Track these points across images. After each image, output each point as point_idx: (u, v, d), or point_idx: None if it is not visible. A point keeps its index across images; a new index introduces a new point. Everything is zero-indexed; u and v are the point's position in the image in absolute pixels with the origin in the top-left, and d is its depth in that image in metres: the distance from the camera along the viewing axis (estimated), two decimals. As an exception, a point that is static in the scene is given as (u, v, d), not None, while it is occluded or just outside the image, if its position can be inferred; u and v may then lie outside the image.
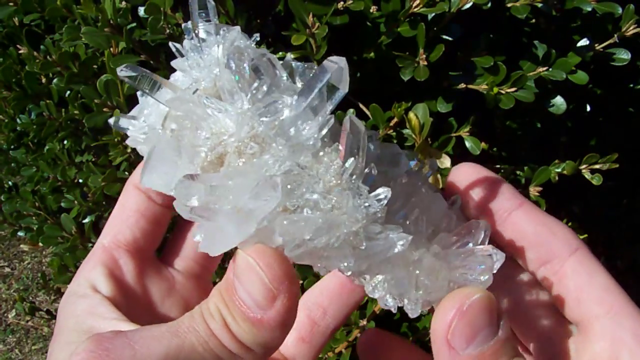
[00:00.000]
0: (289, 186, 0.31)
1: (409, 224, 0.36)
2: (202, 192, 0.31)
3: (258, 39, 0.38)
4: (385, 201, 0.32)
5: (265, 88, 0.34)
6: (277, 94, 0.34)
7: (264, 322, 0.32)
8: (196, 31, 0.36)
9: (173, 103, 0.35)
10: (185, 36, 0.37)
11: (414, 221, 0.36)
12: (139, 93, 0.39)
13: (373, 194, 0.32)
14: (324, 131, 0.33)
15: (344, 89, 0.33)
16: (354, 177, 0.32)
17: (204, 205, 0.31)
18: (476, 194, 0.41)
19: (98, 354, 0.31)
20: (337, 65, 0.33)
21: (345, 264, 0.33)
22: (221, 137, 0.33)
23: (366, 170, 0.33)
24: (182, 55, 0.38)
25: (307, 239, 0.31)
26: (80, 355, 0.31)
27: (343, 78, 0.33)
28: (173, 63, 0.38)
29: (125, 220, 0.45)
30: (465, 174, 0.41)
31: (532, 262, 0.40)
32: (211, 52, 0.36)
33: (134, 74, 0.35)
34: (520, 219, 0.40)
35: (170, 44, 0.38)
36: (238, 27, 0.36)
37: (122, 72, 0.34)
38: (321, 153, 0.33)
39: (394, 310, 0.36)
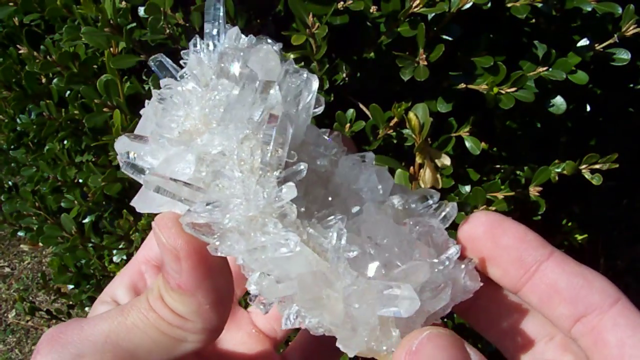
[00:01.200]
0: (209, 163, 0.34)
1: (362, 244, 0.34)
2: (138, 150, 0.36)
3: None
4: (286, 199, 0.32)
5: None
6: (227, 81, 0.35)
7: (182, 286, 0.34)
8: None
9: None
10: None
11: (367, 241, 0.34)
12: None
13: (282, 190, 0.32)
14: (257, 117, 0.34)
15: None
16: (268, 168, 0.33)
17: (134, 162, 0.35)
18: (498, 246, 0.36)
19: (53, 334, 0.36)
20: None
21: (235, 248, 0.33)
22: (187, 118, 0.36)
23: (299, 166, 0.33)
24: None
25: (206, 207, 0.32)
26: (42, 338, 0.36)
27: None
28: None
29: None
30: (483, 225, 0.37)
31: (565, 319, 0.35)
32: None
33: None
34: (552, 271, 0.35)
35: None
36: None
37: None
38: (254, 141, 0.34)
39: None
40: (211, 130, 0.35)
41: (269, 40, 0.37)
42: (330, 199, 0.36)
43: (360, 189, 0.37)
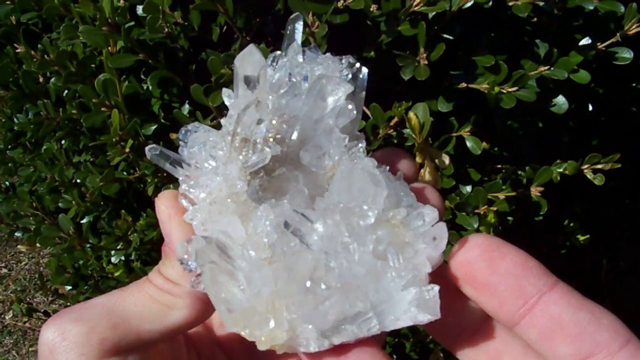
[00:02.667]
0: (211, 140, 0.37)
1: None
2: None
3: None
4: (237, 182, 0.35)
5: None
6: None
7: (171, 246, 0.37)
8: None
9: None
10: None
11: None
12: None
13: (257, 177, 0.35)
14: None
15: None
16: (237, 153, 0.36)
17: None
18: (495, 273, 0.32)
19: (62, 311, 0.38)
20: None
21: (197, 217, 0.36)
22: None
23: (264, 153, 0.35)
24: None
25: (190, 182, 0.37)
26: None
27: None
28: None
29: None
30: (479, 247, 0.33)
31: (568, 359, 0.31)
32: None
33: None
34: (555, 303, 0.31)
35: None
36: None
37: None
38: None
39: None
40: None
41: (350, 60, 0.39)
42: (306, 193, 0.36)
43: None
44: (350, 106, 0.37)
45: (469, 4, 0.70)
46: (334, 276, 0.32)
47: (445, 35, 0.74)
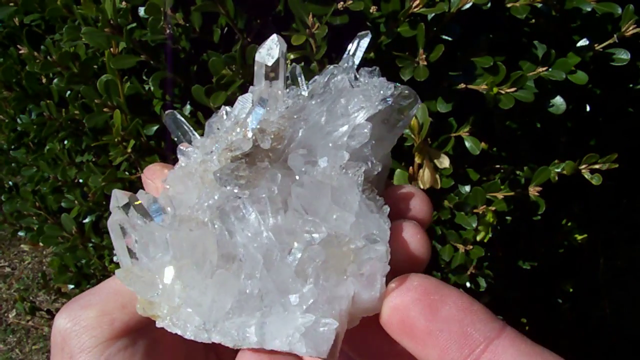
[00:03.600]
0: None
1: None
2: None
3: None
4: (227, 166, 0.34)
5: None
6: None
7: None
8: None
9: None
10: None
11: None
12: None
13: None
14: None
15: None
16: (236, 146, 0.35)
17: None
18: (436, 318, 0.29)
19: (72, 300, 0.38)
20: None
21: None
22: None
23: (245, 143, 0.34)
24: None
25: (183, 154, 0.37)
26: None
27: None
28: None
29: None
30: (416, 291, 0.30)
31: None
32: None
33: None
34: (505, 351, 0.28)
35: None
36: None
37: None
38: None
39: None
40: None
41: (406, 91, 0.37)
42: (275, 193, 0.33)
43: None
44: (367, 128, 0.34)
45: (467, 6, 0.70)
46: (240, 271, 0.31)
47: (444, 37, 0.74)
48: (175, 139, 0.39)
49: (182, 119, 0.39)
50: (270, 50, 0.36)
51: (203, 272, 0.31)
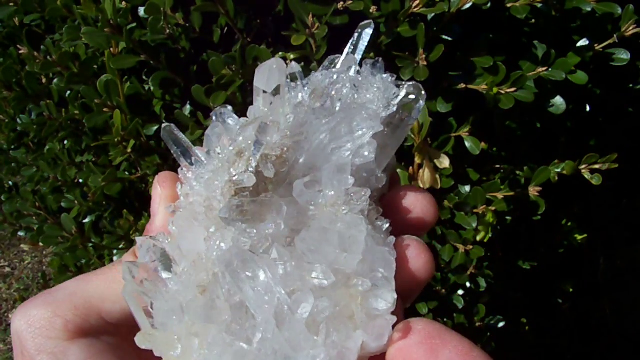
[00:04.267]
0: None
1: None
2: None
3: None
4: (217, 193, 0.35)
5: None
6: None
7: (151, 226, 0.39)
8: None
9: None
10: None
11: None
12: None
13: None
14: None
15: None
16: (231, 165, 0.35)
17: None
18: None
19: (29, 299, 0.38)
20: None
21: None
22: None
23: (247, 177, 0.34)
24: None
25: (190, 175, 0.38)
26: None
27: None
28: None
29: None
30: (419, 335, 0.31)
31: None
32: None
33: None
34: None
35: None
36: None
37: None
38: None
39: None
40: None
41: (412, 88, 0.37)
42: (282, 228, 0.34)
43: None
44: (372, 147, 0.34)
45: (467, 6, 0.70)
46: (254, 331, 0.31)
47: (444, 37, 0.74)
48: (174, 156, 0.38)
49: (180, 135, 0.38)
50: (271, 76, 0.35)
51: (218, 328, 0.32)
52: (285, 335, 0.31)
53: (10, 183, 1.19)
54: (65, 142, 0.96)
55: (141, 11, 0.78)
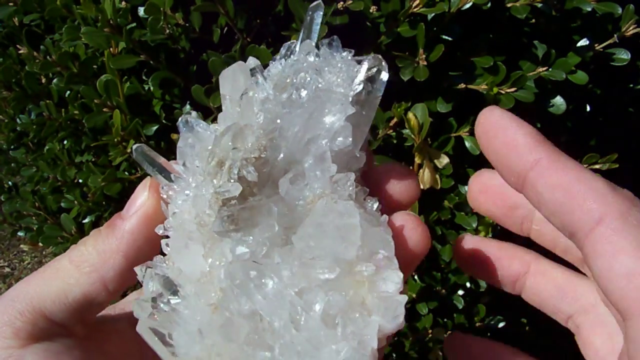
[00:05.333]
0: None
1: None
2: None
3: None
4: (226, 194, 0.34)
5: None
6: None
7: (120, 221, 0.37)
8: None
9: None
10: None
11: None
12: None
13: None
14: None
15: None
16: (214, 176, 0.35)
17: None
18: (493, 154, 0.35)
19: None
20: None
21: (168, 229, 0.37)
22: None
23: (233, 188, 0.34)
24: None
25: (168, 189, 0.37)
26: None
27: None
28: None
29: None
30: (486, 125, 0.35)
31: (563, 232, 0.33)
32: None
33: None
34: (536, 180, 0.33)
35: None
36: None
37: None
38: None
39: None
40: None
41: (372, 61, 0.37)
42: (276, 229, 0.34)
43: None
44: (347, 131, 0.35)
45: (467, 5, 0.70)
46: (274, 338, 0.32)
47: (444, 37, 0.74)
48: (150, 175, 0.38)
49: (153, 153, 0.37)
50: (235, 82, 0.35)
51: (239, 343, 0.32)
52: (304, 335, 0.31)
53: (10, 183, 1.18)
54: (65, 142, 0.96)
55: (141, 11, 0.78)
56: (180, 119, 0.37)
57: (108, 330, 0.40)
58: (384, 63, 0.37)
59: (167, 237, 0.36)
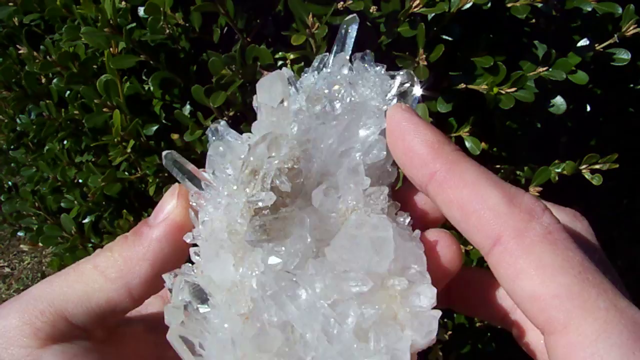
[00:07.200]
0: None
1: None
2: None
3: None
4: (260, 203, 0.33)
5: None
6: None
7: (146, 229, 0.37)
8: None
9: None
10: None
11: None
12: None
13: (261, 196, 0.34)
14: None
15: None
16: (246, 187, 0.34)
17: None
18: (398, 162, 0.34)
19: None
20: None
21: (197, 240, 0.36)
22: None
23: (266, 196, 0.34)
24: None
25: (197, 200, 0.36)
26: None
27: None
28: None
29: None
30: (390, 128, 0.34)
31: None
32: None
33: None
34: (434, 195, 0.33)
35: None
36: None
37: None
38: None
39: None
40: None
41: (405, 76, 0.37)
42: (308, 241, 0.34)
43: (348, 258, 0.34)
44: (382, 144, 0.35)
45: (467, 6, 0.70)
46: (306, 350, 0.32)
47: (444, 37, 0.74)
48: (181, 182, 0.37)
49: (184, 160, 0.37)
50: (274, 90, 0.34)
51: (269, 355, 0.32)
52: (337, 348, 0.31)
53: (10, 183, 1.18)
54: (65, 142, 0.96)
55: (141, 11, 0.78)
56: (209, 127, 0.37)
57: (125, 333, 0.40)
58: (416, 78, 0.37)
59: (196, 245, 0.36)
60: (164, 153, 0.37)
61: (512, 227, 0.29)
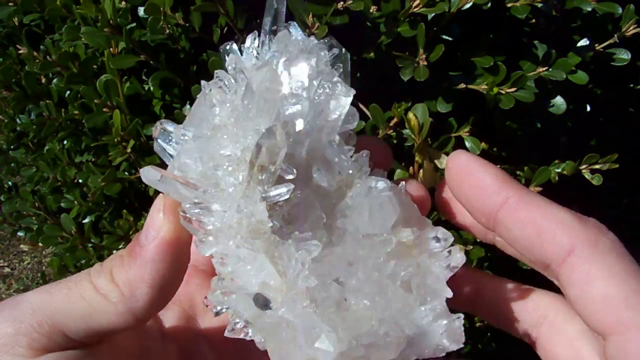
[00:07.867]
0: (214, 164, 0.36)
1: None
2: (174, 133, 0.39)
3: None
4: (261, 217, 0.33)
5: None
6: None
7: (141, 253, 0.36)
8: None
9: None
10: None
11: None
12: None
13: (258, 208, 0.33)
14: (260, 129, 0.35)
15: None
16: (256, 182, 0.34)
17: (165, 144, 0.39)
18: (463, 197, 0.39)
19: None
20: None
21: (209, 251, 0.36)
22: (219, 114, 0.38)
23: (285, 188, 0.33)
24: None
25: (194, 206, 0.35)
26: None
27: None
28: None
29: None
30: (455, 169, 0.39)
31: (535, 266, 0.37)
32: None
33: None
34: (506, 219, 0.36)
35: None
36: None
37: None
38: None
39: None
40: (226, 130, 0.36)
41: (333, 43, 0.38)
42: (324, 220, 0.35)
43: (358, 218, 0.36)
44: (354, 112, 0.37)
45: (467, 5, 0.70)
46: (374, 314, 0.33)
47: (444, 37, 0.74)
48: (162, 193, 0.36)
49: (164, 171, 0.36)
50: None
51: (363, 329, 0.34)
52: (395, 307, 0.34)
53: (10, 183, 1.18)
54: (65, 142, 0.96)
55: (141, 11, 0.78)
56: (156, 125, 0.37)
57: (115, 341, 0.40)
58: (340, 49, 0.40)
59: (212, 256, 0.35)
60: (141, 170, 0.36)
61: (586, 238, 0.33)
